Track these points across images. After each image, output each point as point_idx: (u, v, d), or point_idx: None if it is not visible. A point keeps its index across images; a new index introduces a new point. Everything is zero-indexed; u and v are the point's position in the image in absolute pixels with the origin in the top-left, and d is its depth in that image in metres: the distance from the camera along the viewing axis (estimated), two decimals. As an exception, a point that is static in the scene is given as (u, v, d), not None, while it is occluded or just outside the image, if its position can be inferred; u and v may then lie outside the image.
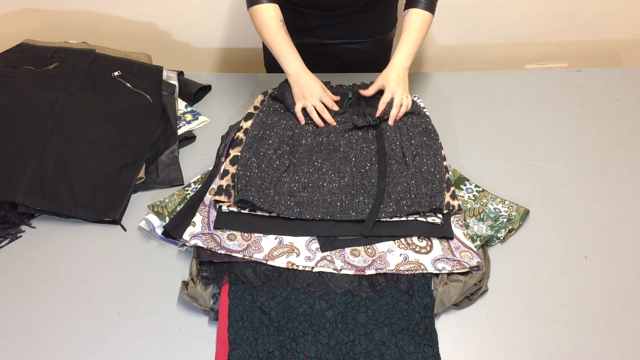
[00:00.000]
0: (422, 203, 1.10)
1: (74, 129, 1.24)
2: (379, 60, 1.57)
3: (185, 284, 1.04)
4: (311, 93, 1.24)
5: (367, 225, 1.08)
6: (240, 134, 1.27)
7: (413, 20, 1.27)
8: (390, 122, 1.23)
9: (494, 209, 1.17)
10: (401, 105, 1.24)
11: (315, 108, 1.24)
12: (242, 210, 1.12)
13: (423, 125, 1.24)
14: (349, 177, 1.15)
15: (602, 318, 1.02)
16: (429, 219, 1.11)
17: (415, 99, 1.39)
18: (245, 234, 1.10)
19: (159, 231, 1.15)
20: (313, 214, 1.10)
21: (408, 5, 1.28)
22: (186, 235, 1.09)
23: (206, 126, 1.43)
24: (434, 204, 1.09)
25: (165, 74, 1.47)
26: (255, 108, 1.34)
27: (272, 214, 1.11)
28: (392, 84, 1.25)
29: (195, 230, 1.10)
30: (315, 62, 1.34)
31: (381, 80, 1.27)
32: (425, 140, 1.21)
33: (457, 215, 1.14)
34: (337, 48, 1.45)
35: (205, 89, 1.53)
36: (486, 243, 1.12)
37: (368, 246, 1.09)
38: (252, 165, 1.15)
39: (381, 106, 1.25)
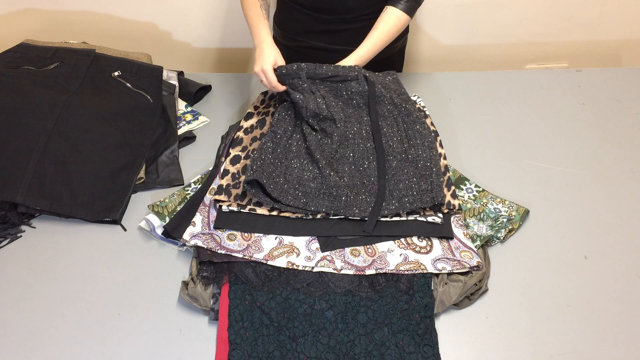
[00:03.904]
0: (424, 199, 1.10)
1: (74, 129, 1.24)
2: (389, 67, 1.57)
3: (185, 284, 1.04)
4: (257, 61, 1.24)
5: (369, 223, 1.08)
6: (241, 134, 1.27)
7: (387, 21, 1.27)
8: None
9: (494, 209, 1.17)
10: None
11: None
12: (242, 210, 1.12)
13: (416, 114, 1.23)
14: (348, 176, 1.15)
15: (602, 318, 1.02)
16: (429, 219, 1.11)
17: (415, 98, 1.39)
18: (245, 234, 1.10)
19: (159, 231, 1.15)
20: (318, 206, 1.09)
21: (389, 1, 1.28)
22: (186, 235, 1.09)
23: (206, 126, 1.43)
24: (435, 199, 1.09)
25: (165, 74, 1.47)
26: (255, 108, 1.34)
27: (272, 213, 1.11)
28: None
29: (195, 230, 1.10)
30: None
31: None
32: (419, 128, 1.20)
33: (457, 215, 1.14)
34: (345, 54, 1.46)
35: (205, 89, 1.52)
36: (486, 243, 1.12)
37: (368, 246, 1.09)
38: (267, 149, 1.15)
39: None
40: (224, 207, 1.13)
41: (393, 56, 1.57)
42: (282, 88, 1.23)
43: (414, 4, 1.27)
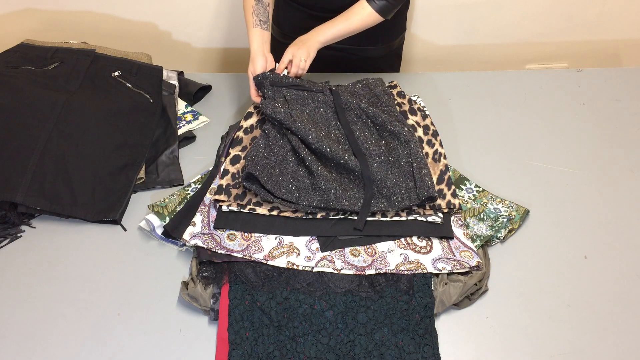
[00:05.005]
0: (412, 197, 1.10)
1: (74, 129, 1.24)
2: (386, 65, 1.57)
3: (185, 284, 1.04)
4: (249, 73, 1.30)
5: (359, 220, 1.08)
6: (241, 134, 1.27)
7: (355, 12, 1.28)
8: (280, 68, 1.28)
9: (494, 209, 1.17)
10: (297, 67, 1.27)
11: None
12: (242, 210, 1.12)
13: (383, 115, 1.23)
14: (335, 171, 1.15)
15: (602, 318, 1.02)
16: (429, 219, 1.11)
17: (415, 98, 1.39)
18: (245, 234, 1.10)
19: (159, 231, 1.15)
20: (310, 201, 1.09)
21: None
22: (186, 235, 1.09)
23: (206, 126, 1.43)
24: (420, 196, 1.09)
25: (165, 74, 1.47)
26: (255, 108, 1.34)
27: (272, 213, 1.12)
28: (296, 49, 1.27)
29: (195, 230, 1.10)
30: (320, 64, 1.35)
31: (291, 48, 1.29)
32: (390, 128, 1.21)
33: (457, 215, 1.14)
34: (342, 52, 1.46)
35: (205, 89, 1.52)
36: (486, 243, 1.12)
37: (368, 246, 1.09)
38: (259, 145, 1.16)
39: (281, 66, 1.28)
40: (224, 207, 1.13)
41: (391, 54, 1.57)
42: (257, 100, 1.28)
43: (389, 5, 1.27)
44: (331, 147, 1.15)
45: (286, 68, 1.29)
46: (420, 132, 1.28)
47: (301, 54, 1.26)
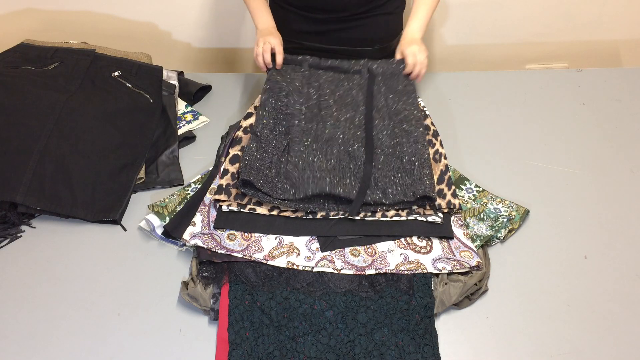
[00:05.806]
0: (407, 194, 1.10)
1: (74, 129, 1.24)
2: None
3: (185, 284, 1.04)
4: (265, 40, 1.31)
5: (354, 207, 1.08)
6: (240, 133, 1.27)
7: None
8: (413, 76, 1.32)
9: (494, 208, 1.17)
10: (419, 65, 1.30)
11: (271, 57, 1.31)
12: (242, 210, 1.12)
13: (405, 112, 1.24)
14: (335, 159, 1.15)
15: (602, 318, 1.02)
16: (429, 219, 1.11)
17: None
18: (245, 234, 1.10)
19: (159, 231, 1.15)
20: (305, 191, 1.09)
21: None
22: (186, 235, 1.09)
23: (206, 126, 1.43)
24: (416, 193, 1.09)
25: (165, 74, 1.47)
26: (255, 108, 1.34)
27: (272, 213, 1.12)
28: (416, 49, 1.30)
29: (195, 230, 1.10)
30: None
31: (401, 50, 1.32)
32: (405, 127, 1.22)
33: (457, 215, 1.14)
34: (339, 54, 1.46)
35: (205, 89, 1.53)
36: (486, 243, 1.12)
37: (368, 246, 1.09)
38: (251, 149, 1.16)
39: (397, 55, 1.32)
40: (224, 207, 1.13)
41: (389, 55, 1.57)
42: (268, 63, 1.28)
43: None
44: (345, 133, 1.18)
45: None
46: (420, 131, 1.28)
47: (421, 53, 1.29)
